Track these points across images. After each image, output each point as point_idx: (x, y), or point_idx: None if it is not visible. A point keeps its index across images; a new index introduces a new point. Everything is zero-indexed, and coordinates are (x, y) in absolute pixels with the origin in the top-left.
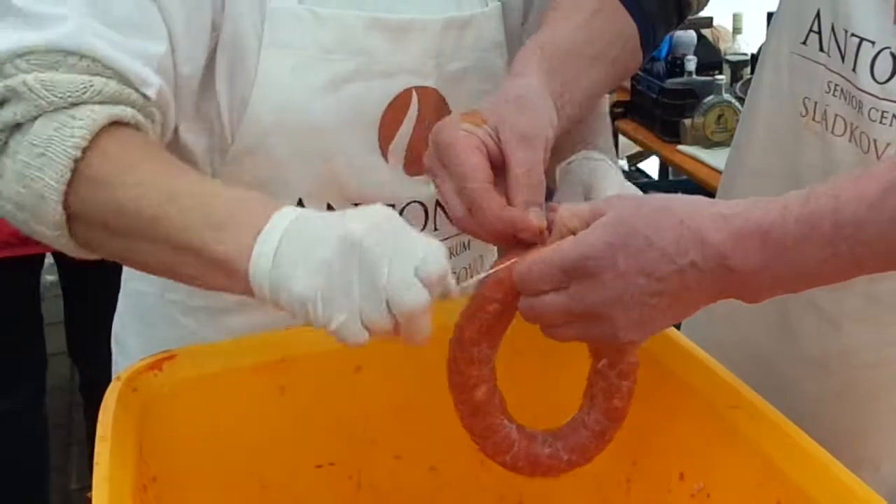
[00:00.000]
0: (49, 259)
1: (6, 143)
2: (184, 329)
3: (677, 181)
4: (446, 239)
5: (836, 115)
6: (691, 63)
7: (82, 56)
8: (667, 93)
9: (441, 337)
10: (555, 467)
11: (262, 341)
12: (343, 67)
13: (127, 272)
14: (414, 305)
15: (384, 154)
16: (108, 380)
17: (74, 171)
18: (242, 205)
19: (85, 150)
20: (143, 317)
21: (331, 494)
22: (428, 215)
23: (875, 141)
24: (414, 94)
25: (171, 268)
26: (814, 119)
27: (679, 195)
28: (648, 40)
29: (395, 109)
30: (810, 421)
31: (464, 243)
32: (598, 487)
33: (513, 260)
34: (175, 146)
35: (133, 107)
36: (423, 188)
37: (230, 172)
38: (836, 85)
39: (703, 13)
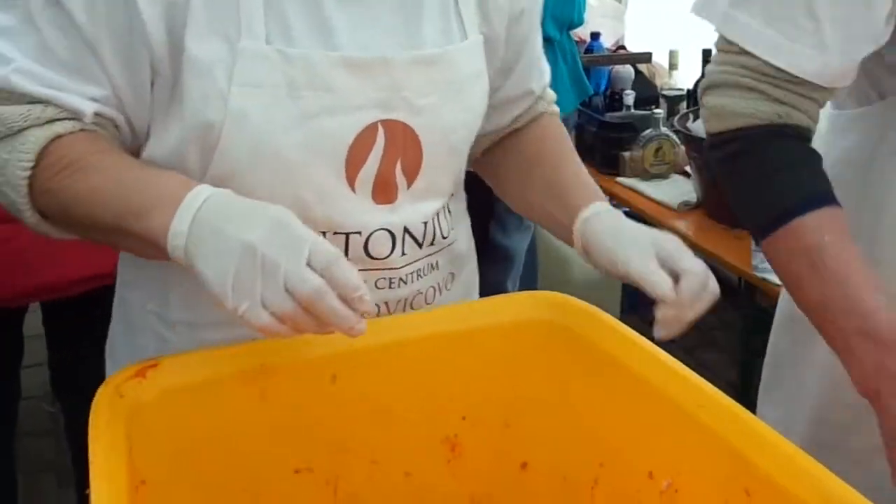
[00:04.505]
0: None
1: None
2: (163, 342)
3: None
4: (415, 262)
5: None
6: (630, 97)
7: (14, 93)
8: (606, 126)
9: (413, 348)
10: None
11: (243, 350)
12: (311, 104)
13: (118, 281)
14: (311, 289)
15: (351, 185)
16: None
17: (30, 186)
18: (160, 190)
19: (35, 167)
20: (129, 324)
21: (309, 499)
22: (395, 242)
23: None
24: (380, 127)
25: (120, 246)
26: None
27: None
28: None
29: (362, 142)
30: None
31: (432, 264)
32: (566, 489)
33: None
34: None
35: (76, 120)
36: (389, 216)
37: None
38: None
39: (642, 49)
